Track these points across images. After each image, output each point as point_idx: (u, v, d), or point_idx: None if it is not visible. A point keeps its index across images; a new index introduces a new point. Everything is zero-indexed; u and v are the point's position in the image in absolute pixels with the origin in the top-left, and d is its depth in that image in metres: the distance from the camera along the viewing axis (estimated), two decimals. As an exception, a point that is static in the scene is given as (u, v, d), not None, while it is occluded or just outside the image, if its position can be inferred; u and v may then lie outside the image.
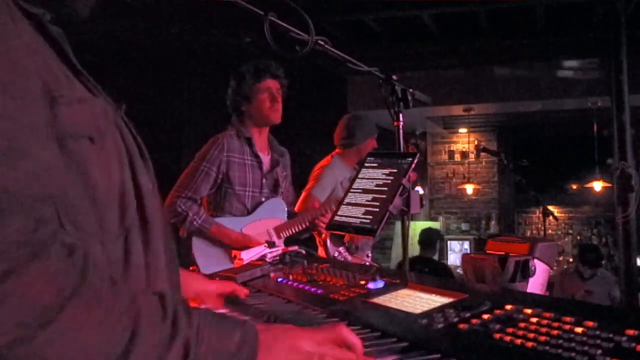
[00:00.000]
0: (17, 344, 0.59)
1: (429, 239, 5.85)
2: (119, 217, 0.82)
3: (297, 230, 2.90)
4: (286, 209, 2.91)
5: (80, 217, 0.74)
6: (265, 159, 2.89)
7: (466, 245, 8.50)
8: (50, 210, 0.69)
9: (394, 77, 1.70)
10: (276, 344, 0.79)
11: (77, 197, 0.75)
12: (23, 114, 0.67)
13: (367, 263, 3.37)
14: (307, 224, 2.90)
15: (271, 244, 1.75)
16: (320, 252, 3.41)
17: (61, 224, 0.72)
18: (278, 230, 2.85)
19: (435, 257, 6.14)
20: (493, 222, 8.85)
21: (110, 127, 0.84)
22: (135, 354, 0.65)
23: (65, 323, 0.62)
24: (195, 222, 2.69)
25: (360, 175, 1.66)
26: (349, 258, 3.42)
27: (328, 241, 3.41)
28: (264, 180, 2.85)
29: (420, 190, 8.04)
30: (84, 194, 0.76)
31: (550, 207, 6.41)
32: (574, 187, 8.49)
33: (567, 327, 0.88)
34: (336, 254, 3.38)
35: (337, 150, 3.62)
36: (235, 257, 1.79)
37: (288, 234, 2.89)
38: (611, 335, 0.82)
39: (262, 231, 2.80)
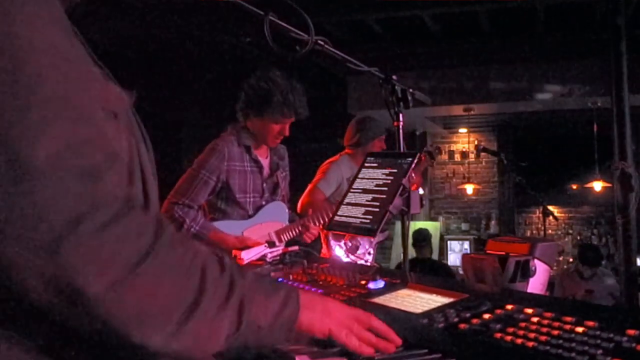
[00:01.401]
0: (114, 286, 0.65)
1: (422, 239, 5.85)
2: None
3: (297, 233, 2.90)
4: (287, 212, 2.90)
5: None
6: (265, 162, 2.88)
7: (466, 245, 8.49)
8: (123, 169, 0.75)
9: (394, 77, 1.70)
10: (314, 305, 0.89)
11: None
12: (87, 81, 0.73)
13: (368, 262, 3.37)
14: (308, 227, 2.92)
15: (271, 244, 1.74)
16: (324, 249, 3.44)
17: None
18: (279, 233, 2.85)
19: (434, 257, 6.15)
20: (493, 222, 8.85)
21: (124, 112, 0.87)
22: (204, 303, 0.72)
23: (149, 271, 0.68)
24: (192, 229, 2.66)
25: (360, 175, 1.66)
26: (351, 255, 3.42)
27: (330, 236, 3.43)
28: (264, 185, 2.84)
29: (420, 190, 8.04)
30: None
31: (550, 207, 6.42)
32: (574, 187, 8.48)
33: (568, 327, 0.88)
34: (337, 249, 3.40)
35: (346, 150, 3.73)
36: (235, 257, 1.79)
37: (289, 237, 2.90)
38: (612, 335, 0.82)
39: (263, 234, 2.80)
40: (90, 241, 0.64)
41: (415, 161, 1.56)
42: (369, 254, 3.49)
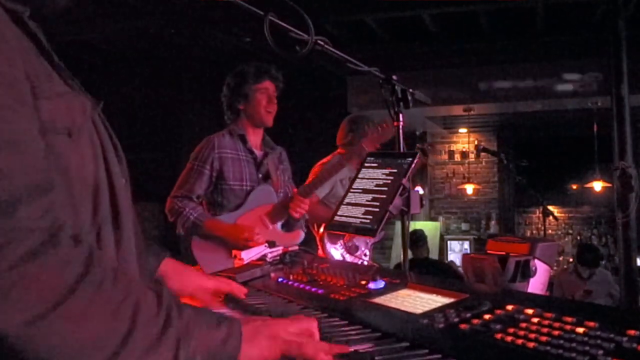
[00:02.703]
0: (29, 324, 0.62)
1: (419, 240, 5.85)
2: (92, 212, 0.84)
3: (286, 207, 2.89)
4: (275, 194, 2.91)
5: (58, 210, 0.76)
6: (259, 154, 2.94)
7: (466, 245, 8.50)
8: (55, 197, 0.71)
9: (394, 77, 1.70)
10: (257, 335, 0.85)
11: (58, 192, 0.76)
12: (21, 105, 0.70)
13: (365, 262, 3.37)
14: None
15: (271, 244, 1.74)
16: (319, 250, 3.43)
17: None
18: (270, 216, 2.86)
19: (434, 257, 6.15)
20: (493, 222, 8.85)
21: (87, 122, 0.85)
22: (132, 344, 0.69)
23: (73, 308, 0.65)
24: (190, 217, 2.74)
25: (360, 175, 1.66)
26: (347, 256, 3.42)
27: (325, 238, 3.42)
28: (260, 175, 2.89)
29: (420, 190, 8.04)
30: (62, 188, 0.78)
31: (550, 207, 6.42)
32: (574, 187, 8.48)
33: (568, 327, 0.88)
34: (334, 251, 3.39)
35: (338, 150, 3.65)
36: (235, 257, 1.79)
37: (281, 218, 2.90)
38: (612, 336, 0.82)
39: (255, 219, 2.82)
40: (3, 278, 0.61)
41: (416, 161, 1.56)
42: (365, 255, 3.49)
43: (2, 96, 0.67)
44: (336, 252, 3.41)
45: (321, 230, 3.44)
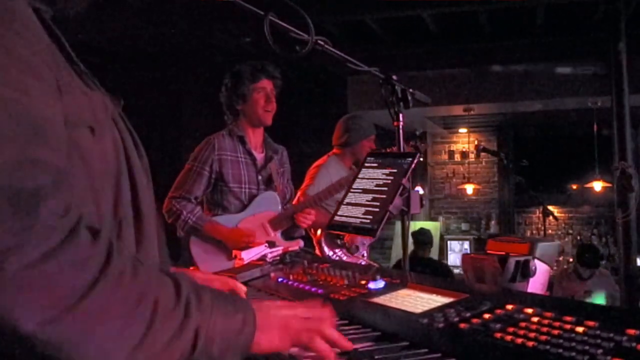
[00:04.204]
0: (49, 323, 0.62)
1: (426, 241, 5.86)
2: (112, 209, 0.83)
3: (291, 218, 2.89)
4: (279, 202, 2.91)
5: (80, 206, 0.75)
6: (259, 156, 2.92)
7: (466, 245, 8.50)
8: (75, 192, 0.71)
9: (394, 77, 1.70)
10: (270, 323, 0.87)
11: (78, 185, 0.76)
12: (47, 95, 0.70)
13: (364, 263, 3.37)
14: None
15: (271, 244, 1.74)
16: (317, 252, 3.42)
17: None
18: (273, 223, 2.86)
19: (434, 257, 6.15)
20: (493, 222, 8.85)
21: (108, 121, 0.85)
22: (152, 338, 0.69)
23: (92, 305, 0.65)
24: (189, 220, 2.73)
25: (360, 175, 1.66)
26: (345, 258, 3.42)
27: (323, 241, 3.41)
28: (259, 177, 2.87)
29: (420, 190, 8.04)
30: (84, 183, 0.78)
31: (550, 207, 6.43)
32: (574, 187, 8.48)
33: (568, 326, 0.88)
34: (331, 254, 3.39)
35: (334, 150, 3.62)
36: (235, 257, 1.79)
37: (283, 227, 2.90)
38: (612, 335, 0.82)
39: (257, 225, 2.81)
40: (20, 278, 0.61)
41: (416, 161, 1.56)
42: (363, 255, 3.49)
43: (29, 86, 0.67)
44: (333, 256, 3.40)
45: (318, 232, 3.44)
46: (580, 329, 0.86)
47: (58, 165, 0.68)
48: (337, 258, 3.39)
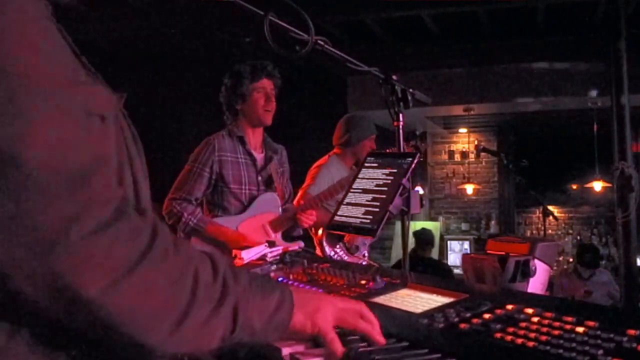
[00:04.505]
0: (105, 291, 0.66)
1: (428, 242, 5.86)
2: None
3: (292, 220, 2.89)
4: (280, 203, 2.91)
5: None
6: (259, 156, 2.91)
7: (466, 245, 8.49)
8: (114, 172, 0.75)
9: (394, 77, 1.70)
10: (307, 304, 0.90)
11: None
12: (72, 82, 0.72)
13: (364, 263, 3.37)
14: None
15: (271, 244, 1.74)
16: (317, 252, 3.41)
17: None
18: (273, 225, 2.85)
19: (434, 257, 6.15)
20: (493, 222, 8.85)
21: (112, 114, 0.85)
22: (194, 311, 0.73)
23: (143, 276, 0.69)
24: (190, 222, 2.72)
25: (360, 175, 1.65)
26: (346, 258, 3.42)
27: (324, 241, 3.41)
28: (259, 178, 2.87)
29: (420, 190, 8.04)
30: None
31: (550, 207, 6.42)
32: (574, 187, 8.49)
33: (568, 327, 0.88)
34: (332, 254, 3.38)
35: (334, 150, 3.62)
36: (235, 257, 1.79)
37: (284, 228, 2.89)
38: (612, 335, 0.82)
39: (257, 227, 2.81)
40: (83, 245, 0.64)
41: (416, 161, 1.56)
42: (364, 255, 3.50)
43: (56, 74, 0.69)
44: (335, 256, 3.40)
45: (319, 232, 3.43)
46: (580, 329, 0.86)
47: (95, 146, 0.71)
48: (338, 258, 3.39)
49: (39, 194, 0.63)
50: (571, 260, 7.58)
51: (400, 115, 1.72)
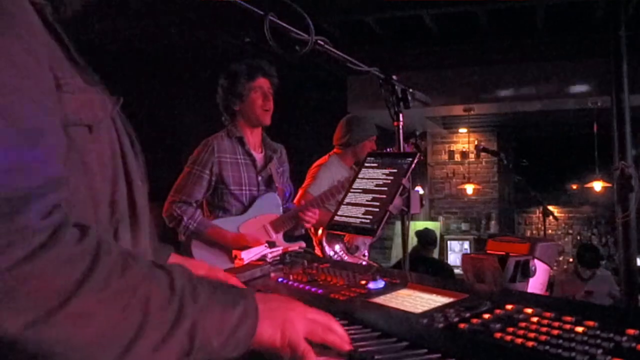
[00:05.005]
0: (33, 325, 0.61)
1: (431, 242, 5.86)
2: (110, 210, 0.83)
3: (293, 220, 2.89)
4: (281, 203, 2.90)
5: (79, 206, 0.75)
6: (259, 156, 2.90)
7: (466, 245, 8.50)
8: (65, 193, 0.70)
9: (394, 77, 1.70)
10: (275, 316, 0.85)
11: (77, 185, 0.76)
12: (43, 96, 0.69)
13: (364, 263, 3.37)
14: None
15: (271, 244, 1.74)
16: (317, 252, 3.41)
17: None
18: (274, 225, 2.85)
19: (435, 256, 6.15)
20: (493, 222, 8.85)
21: (107, 119, 0.84)
22: (144, 338, 0.68)
23: (78, 307, 0.64)
24: (190, 226, 2.71)
25: (360, 175, 1.66)
26: (346, 258, 3.42)
27: (324, 241, 3.41)
28: (259, 178, 2.86)
29: (420, 190, 8.04)
30: (83, 181, 0.77)
31: (550, 207, 6.42)
32: (574, 187, 8.49)
33: (568, 326, 0.88)
34: (332, 254, 3.39)
35: (334, 149, 3.63)
36: (235, 257, 1.79)
37: (285, 228, 2.89)
38: (612, 335, 0.82)
39: (258, 228, 2.80)
40: (5, 279, 0.60)
41: (416, 161, 1.56)
42: (364, 255, 3.50)
43: (23, 88, 0.67)
44: (334, 256, 3.40)
45: (319, 232, 3.44)
46: (580, 329, 0.86)
47: (48, 168, 0.67)
48: (338, 258, 3.39)
49: None
50: (571, 260, 7.58)
51: (400, 115, 1.72)
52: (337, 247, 3.43)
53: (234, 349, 0.79)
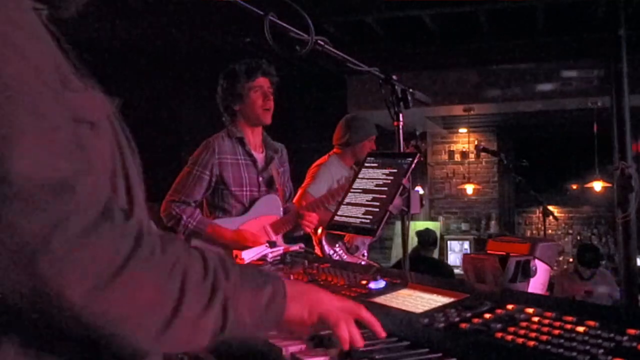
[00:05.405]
0: (89, 294, 0.66)
1: (431, 242, 5.86)
2: None
3: (294, 223, 2.88)
4: (281, 204, 2.90)
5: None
6: (260, 157, 2.89)
7: (466, 245, 8.49)
8: (95, 177, 0.74)
9: (394, 77, 1.70)
10: (302, 296, 0.90)
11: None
12: (53, 92, 0.72)
13: (364, 262, 3.37)
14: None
15: (272, 244, 1.74)
16: (317, 251, 3.41)
17: None
18: (274, 226, 2.85)
19: (435, 256, 6.15)
20: (493, 222, 8.84)
21: (105, 120, 0.86)
22: (184, 310, 0.73)
23: (128, 278, 0.69)
24: (189, 225, 2.70)
25: (360, 175, 1.66)
26: (345, 257, 3.42)
27: (324, 240, 3.41)
28: (260, 179, 2.85)
29: (420, 190, 8.04)
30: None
31: (550, 207, 6.42)
32: (574, 187, 8.48)
33: (569, 326, 0.88)
34: (332, 254, 3.39)
35: (334, 149, 3.63)
36: (236, 257, 1.79)
37: (285, 230, 2.89)
38: (612, 335, 0.82)
39: (258, 229, 2.80)
40: (65, 251, 0.65)
41: (416, 161, 1.56)
42: (363, 255, 3.50)
43: (38, 83, 0.69)
44: (334, 255, 3.40)
45: (319, 232, 3.43)
46: (580, 329, 0.86)
47: (74, 155, 0.71)
48: (338, 258, 3.39)
49: (22, 204, 0.64)
50: (571, 260, 7.58)
51: (400, 115, 1.72)
52: (337, 247, 3.43)
53: (267, 326, 0.85)
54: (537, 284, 1.41)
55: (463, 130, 8.76)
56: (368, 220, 1.53)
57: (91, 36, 5.37)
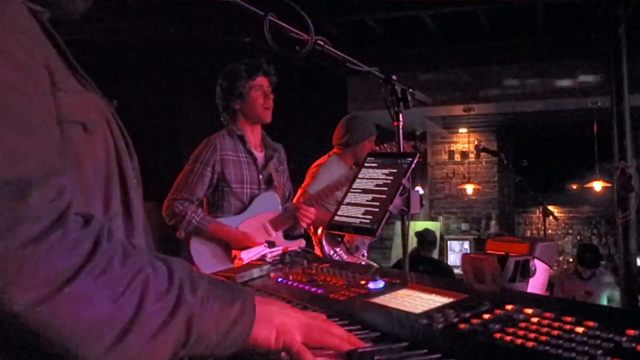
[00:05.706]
0: (36, 304, 0.64)
1: (431, 242, 5.87)
2: (103, 207, 0.84)
3: (293, 218, 2.89)
4: (280, 201, 2.91)
5: (70, 193, 0.77)
6: (259, 155, 2.91)
7: (466, 245, 8.49)
8: (67, 181, 0.72)
9: (394, 77, 1.70)
10: (271, 317, 0.86)
11: (71, 178, 0.77)
12: (37, 93, 0.72)
13: (363, 262, 3.37)
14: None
15: (271, 244, 1.74)
16: (317, 251, 3.41)
17: None
18: (274, 223, 2.85)
19: (435, 256, 6.16)
20: (493, 222, 8.85)
21: (101, 121, 0.86)
22: (140, 324, 0.71)
23: (79, 289, 0.67)
24: (193, 220, 2.71)
25: (360, 175, 1.66)
26: (345, 257, 3.42)
27: (324, 240, 3.41)
28: (260, 177, 2.86)
29: (420, 190, 8.04)
30: (75, 178, 0.79)
31: (550, 207, 6.42)
32: (574, 187, 8.48)
33: (568, 327, 0.88)
34: (332, 253, 3.39)
35: (334, 149, 3.63)
36: (235, 257, 1.79)
37: (285, 227, 2.89)
38: (612, 335, 0.82)
39: (258, 226, 2.80)
40: (11, 259, 0.63)
41: (416, 161, 1.56)
42: (363, 255, 3.50)
43: (18, 82, 0.69)
44: (334, 255, 3.40)
45: (319, 232, 3.44)
46: (580, 330, 0.86)
47: (47, 157, 0.70)
48: (338, 258, 3.39)
49: None
50: (571, 260, 7.58)
51: (400, 115, 1.72)
52: (337, 247, 3.43)
53: (230, 345, 0.81)
54: (536, 284, 1.41)
55: (463, 130, 8.76)
56: (368, 220, 1.53)
57: (91, 36, 5.37)
